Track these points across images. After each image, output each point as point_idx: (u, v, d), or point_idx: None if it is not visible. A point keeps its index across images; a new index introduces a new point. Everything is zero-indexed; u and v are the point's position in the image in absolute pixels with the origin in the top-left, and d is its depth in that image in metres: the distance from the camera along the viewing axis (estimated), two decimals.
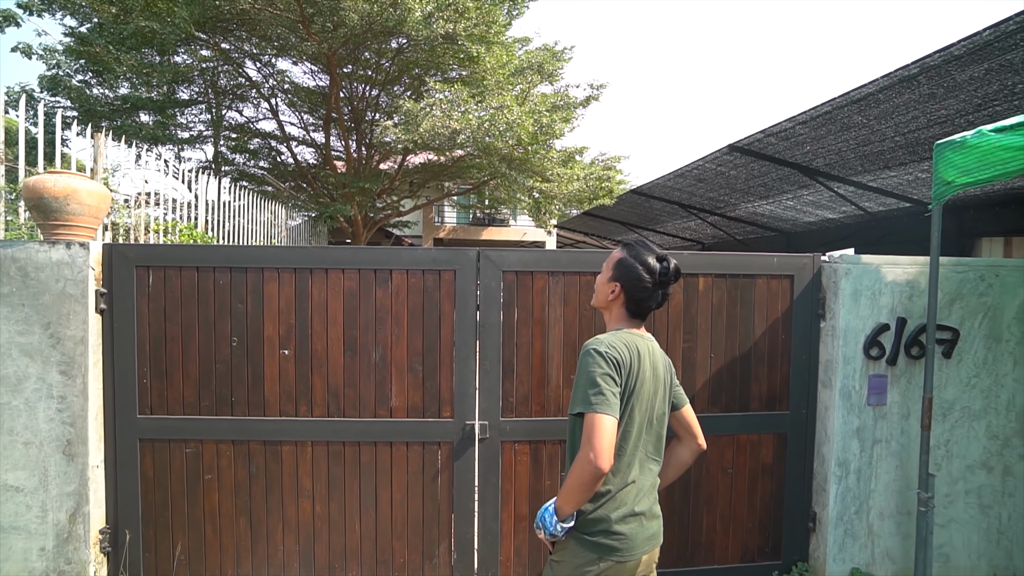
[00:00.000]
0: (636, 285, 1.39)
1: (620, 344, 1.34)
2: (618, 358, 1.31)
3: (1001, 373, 2.42)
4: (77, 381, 2.13)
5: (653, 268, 1.39)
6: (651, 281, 1.39)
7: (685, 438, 1.59)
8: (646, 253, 1.42)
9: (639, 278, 1.39)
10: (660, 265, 1.40)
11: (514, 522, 2.36)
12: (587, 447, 1.23)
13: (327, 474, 2.31)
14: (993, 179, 1.91)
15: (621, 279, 1.41)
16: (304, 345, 2.29)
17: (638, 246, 1.45)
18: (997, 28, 3.07)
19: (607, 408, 1.25)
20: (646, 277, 1.39)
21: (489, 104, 7.71)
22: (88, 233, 2.26)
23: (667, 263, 1.40)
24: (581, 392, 1.29)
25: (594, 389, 1.26)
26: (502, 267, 2.32)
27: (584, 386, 1.29)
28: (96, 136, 3.92)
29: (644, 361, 1.37)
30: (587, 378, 1.29)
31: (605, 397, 1.26)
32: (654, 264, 1.40)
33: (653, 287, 1.39)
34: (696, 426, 1.58)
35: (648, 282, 1.39)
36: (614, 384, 1.29)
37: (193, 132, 10.13)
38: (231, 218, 5.88)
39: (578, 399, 1.30)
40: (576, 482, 1.25)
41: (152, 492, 2.27)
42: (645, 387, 1.36)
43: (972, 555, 2.46)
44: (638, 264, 1.40)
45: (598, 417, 1.24)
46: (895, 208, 6.24)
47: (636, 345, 1.36)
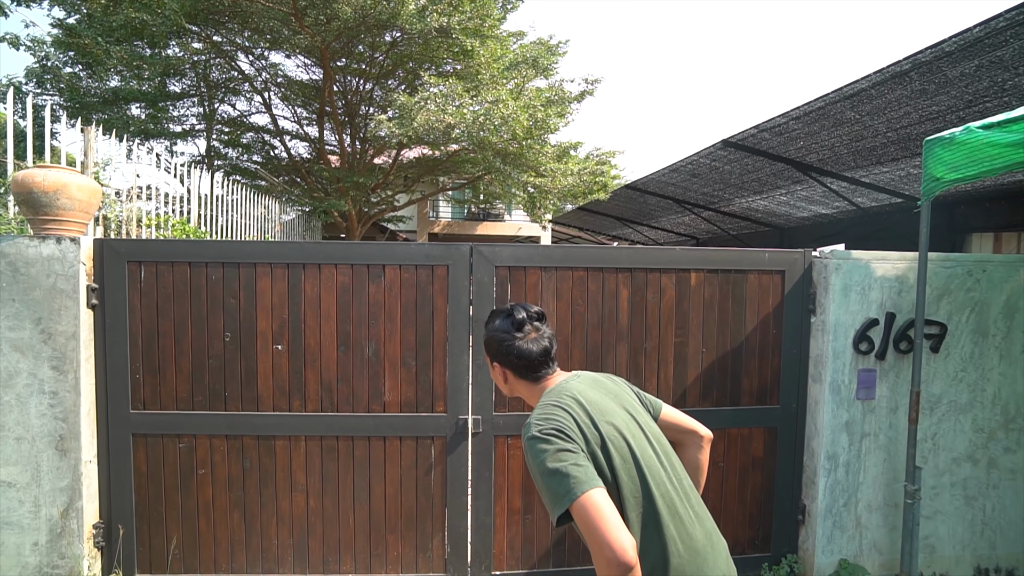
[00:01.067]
0: (505, 351, 1.25)
1: (550, 409, 1.13)
2: (557, 426, 1.08)
3: (987, 367, 2.46)
4: (69, 376, 2.12)
5: (503, 327, 1.27)
6: (510, 336, 1.25)
7: (684, 438, 1.38)
8: (494, 319, 1.31)
9: (501, 341, 1.26)
10: (508, 319, 1.27)
11: (507, 516, 2.38)
12: (596, 545, 0.94)
13: (321, 468, 2.32)
14: (981, 175, 1.94)
15: (495, 357, 1.29)
16: (297, 340, 2.29)
17: (490, 317, 1.34)
18: (987, 25, 3.08)
19: (583, 485, 0.99)
20: (505, 336, 1.26)
21: (484, 98, 7.68)
22: (79, 228, 2.25)
23: (513, 312, 1.27)
24: (548, 493, 1.03)
25: (557, 479, 1.01)
26: (495, 262, 2.33)
27: (546, 484, 1.03)
28: (86, 129, 3.88)
29: (588, 396, 1.18)
30: (543, 474, 1.04)
31: (571, 476, 1.00)
32: (502, 323, 1.28)
33: (514, 341, 1.25)
34: (688, 421, 1.39)
35: (508, 339, 1.25)
36: (572, 455, 1.04)
37: (185, 126, 10.04)
38: (224, 213, 5.85)
39: (549, 502, 1.03)
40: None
41: (145, 487, 2.27)
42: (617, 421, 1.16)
43: (957, 546, 2.50)
44: (492, 333, 1.29)
45: (582, 501, 0.97)
46: (887, 204, 6.29)
47: (566, 394, 1.17)
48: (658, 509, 1.08)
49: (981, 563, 2.53)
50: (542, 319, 1.29)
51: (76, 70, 8.12)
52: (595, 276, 2.38)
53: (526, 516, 2.39)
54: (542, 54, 9.26)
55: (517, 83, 8.77)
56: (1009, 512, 2.52)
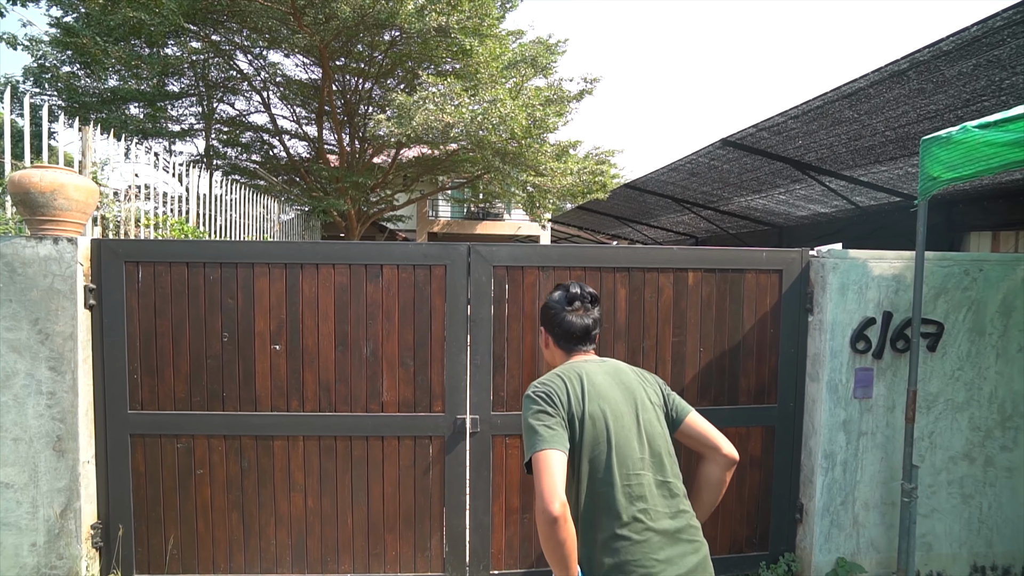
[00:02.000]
0: (552, 318, 1.44)
1: (552, 377, 1.32)
2: (548, 390, 1.27)
3: (984, 366, 2.46)
4: (67, 377, 2.12)
5: (558, 298, 1.46)
6: (560, 308, 1.43)
7: (706, 452, 1.38)
8: (554, 291, 1.49)
9: (551, 309, 1.45)
10: (564, 292, 1.46)
11: (505, 515, 2.38)
12: (536, 493, 1.12)
13: (319, 468, 2.32)
14: (977, 174, 1.94)
15: (544, 323, 1.48)
16: (295, 340, 2.29)
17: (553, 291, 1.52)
18: (984, 24, 3.08)
19: (543, 444, 1.17)
20: (556, 306, 1.44)
21: (482, 98, 7.67)
22: (76, 228, 2.25)
23: (569, 289, 1.45)
24: (525, 443, 1.23)
25: (530, 434, 1.21)
26: (492, 262, 2.33)
27: (525, 436, 1.24)
28: (84, 129, 3.87)
29: (594, 378, 1.30)
30: (525, 428, 1.24)
31: (539, 435, 1.19)
32: (558, 295, 1.47)
33: (564, 312, 1.42)
34: (713, 435, 1.37)
35: (558, 309, 1.43)
36: (548, 417, 1.22)
37: (184, 125, 10.02)
38: (223, 212, 5.84)
39: (525, 450, 1.24)
40: (542, 542, 1.12)
41: (144, 487, 2.27)
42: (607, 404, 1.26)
43: (954, 544, 2.51)
44: (548, 302, 1.48)
45: (538, 457, 1.16)
46: (886, 202, 6.29)
47: (576, 370, 1.33)
48: (615, 496, 1.20)
49: (978, 560, 2.54)
50: (595, 302, 1.45)
51: (74, 69, 8.11)
52: (593, 275, 2.38)
53: (524, 515, 2.39)
54: (541, 53, 9.25)
55: (516, 82, 8.76)
56: (1006, 510, 2.53)
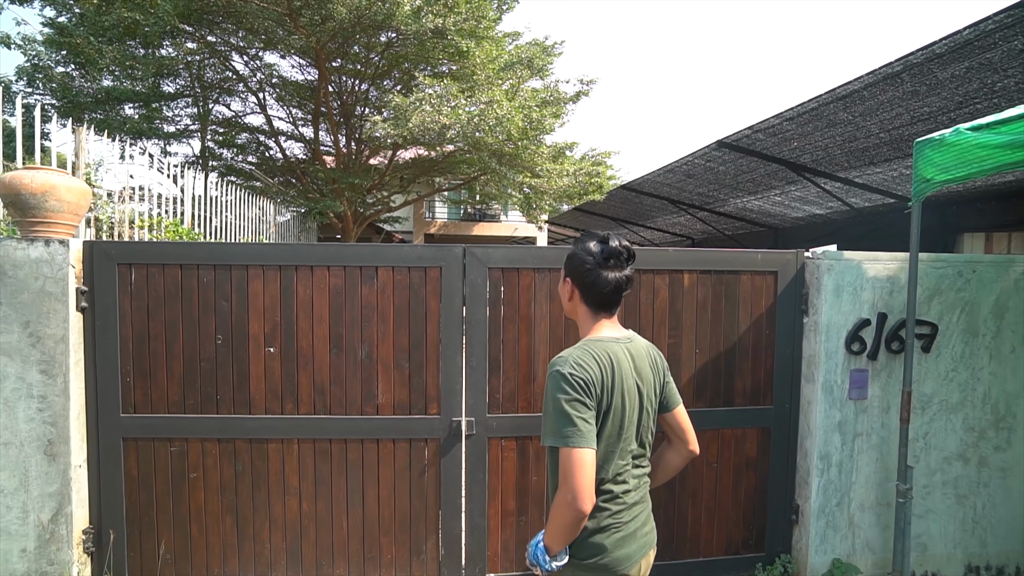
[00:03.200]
0: (583, 272, 1.30)
1: (589, 359, 1.23)
2: (586, 377, 1.20)
3: (977, 367, 2.47)
4: (58, 380, 2.10)
5: (594, 250, 1.30)
6: (594, 262, 1.29)
7: (675, 442, 1.47)
8: (588, 240, 1.34)
9: (582, 262, 1.30)
10: (602, 246, 1.30)
11: (501, 517, 2.37)
12: (565, 489, 1.14)
13: (314, 471, 2.30)
14: (970, 176, 1.95)
15: (570, 273, 1.34)
16: (290, 343, 2.28)
17: (582, 238, 1.36)
18: (977, 27, 3.10)
19: (581, 441, 1.15)
20: (588, 259, 1.30)
21: (479, 99, 7.67)
22: (68, 230, 2.23)
23: (608, 241, 1.30)
24: (551, 423, 1.19)
25: (564, 420, 1.16)
26: (488, 264, 2.32)
27: (553, 416, 1.18)
28: (77, 130, 3.85)
29: (622, 367, 1.26)
30: (555, 407, 1.18)
31: (577, 428, 1.15)
32: (595, 246, 1.31)
33: (598, 267, 1.29)
34: (689, 430, 1.45)
35: (591, 263, 1.29)
36: (586, 409, 1.18)
37: (179, 126, 9.98)
38: (219, 214, 5.81)
39: (549, 430, 1.19)
40: (559, 524, 1.17)
41: (136, 491, 2.25)
42: (627, 399, 1.26)
43: (948, 544, 2.52)
44: (579, 252, 1.32)
45: (574, 453, 1.14)
46: (880, 204, 6.32)
47: (609, 353, 1.26)
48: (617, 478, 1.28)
49: (972, 561, 2.54)
50: (631, 259, 1.32)
51: (68, 70, 8.06)
52: None
53: (520, 518, 2.38)
54: (537, 55, 9.26)
55: (512, 84, 8.77)
56: (999, 510, 2.54)
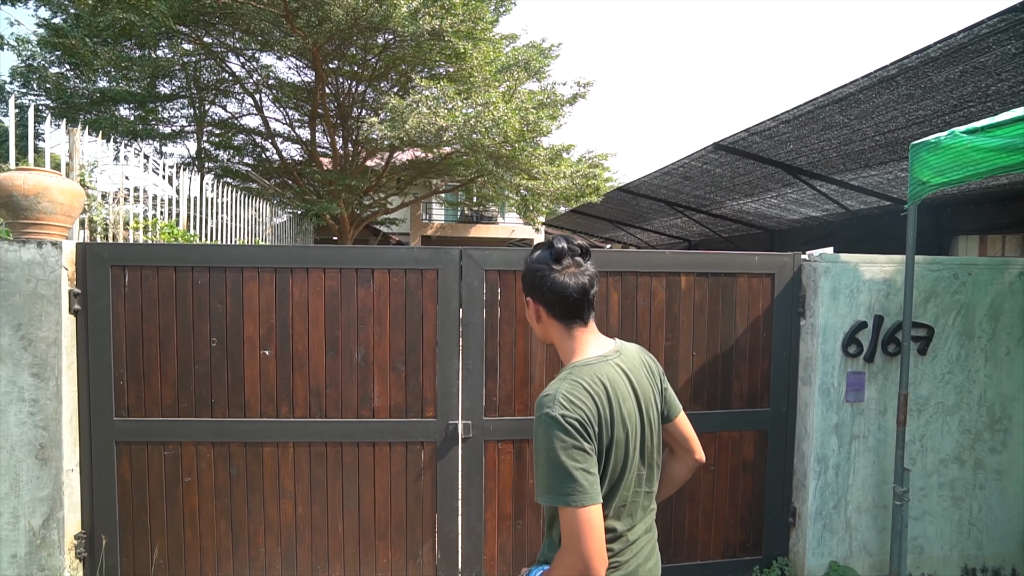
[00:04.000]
0: (539, 283, 1.14)
1: (581, 393, 1.05)
2: (582, 417, 1.02)
3: (973, 369, 2.48)
4: (50, 384, 2.08)
5: (543, 257, 1.15)
6: (547, 268, 1.13)
7: (679, 452, 1.34)
8: (534, 251, 1.20)
9: (535, 272, 1.15)
10: (548, 250, 1.16)
11: (498, 521, 2.36)
12: (572, 553, 0.97)
13: (309, 475, 2.29)
14: (966, 179, 1.95)
15: (530, 291, 1.17)
16: (285, 345, 2.26)
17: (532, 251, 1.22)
18: (970, 31, 3.12)
19: (585, 499, 0.98)
20: (541, 268, 1.14)
21: (476, 101, 7.68)
22: (60, 232, 2.21)
23: (553, 244, 1.15)
24: (546, 477, 1.01)
25: (561, 475, 0.99)
26: (484, 266, 2.31)
27: (548, 469, 1.01)
28: (72, 131, 3.82)
29: (619, 391, 1.10)
30: (548, 459, 1.00)
31: (579, 484, 0.98)
32: (542, 253, 1.16)
33: (552, 273, 1.12)
34: (693, 438, 1.33)
35: (544, 271, 1.13)
36: (586, 456, 1.01)
37: (175, 127, 9.95)
38: (214, 215, 5.78)
39: (544, 486, 1.02)
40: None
41: (129, 495, 2.23)
42: (629, 426, 1.11)
43: (945, 546, 2.52)
44: (530, 265, 1.18)
45: (579, 514, 0.97)
46: (876, 206, 6.35)
47: (601, 378, 1.09)
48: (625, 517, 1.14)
49: (968, 563, 2.55)
50: (586, 255, 1.17)
51: (63, 70, 8.02)
52: None
53: (517, 521, 2.37)
54: (534, 57, 9.28)
55: (509, 86, 8.78)
56: (995, 512, 2.55)
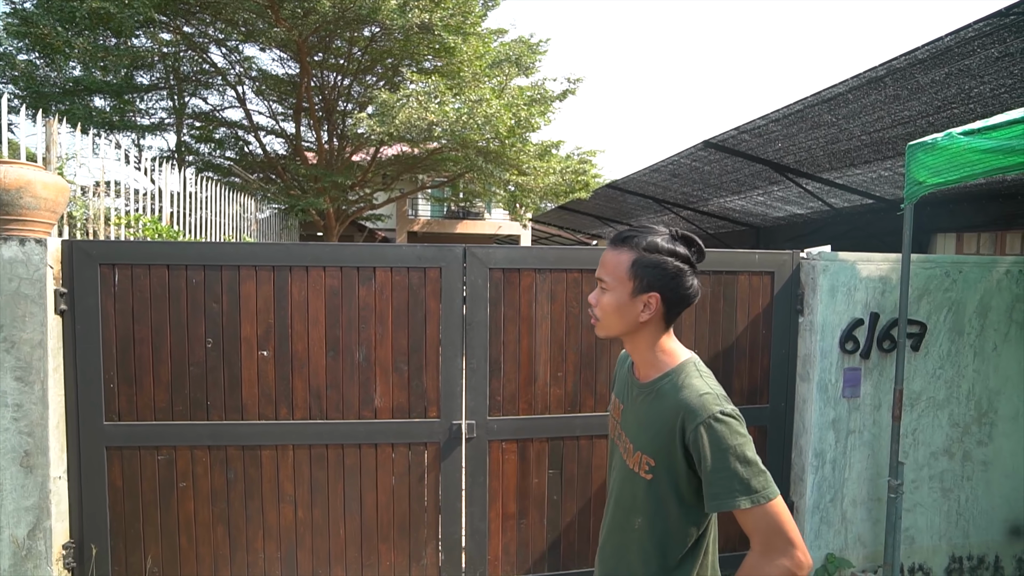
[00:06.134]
0: (674, 280, 0.98)
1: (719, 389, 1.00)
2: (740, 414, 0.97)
3: (963, 364, 2.55)
4: (35, 388, 1.99)
5: (684, 254, 0.99)
6: (689, 269, 1.00)
7: None
8: (658, 237, 1.00)
9: (678, 273, 0.98)
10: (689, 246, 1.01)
11: (502, 521, 2.35)
12: (788, 547, 0.91)
13: (309, 478, 2.24)
14: (962, 180, 2.00)
15: (656, 286, 0.99)
16: (284, 346, 2.21)
17: (643, 234, 1.01)
18: (957, 34, 3.19)
19: (775, 487, 0.94)
20: (683, 266, 0.98)
21: (467, 97, 7.60)
22: (44, 228, 2.11)
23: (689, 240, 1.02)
24: (734, 480, 0.92)
25: (755, 471, 0.92)
26: (489, 264, 2.29)
27: (734, 470, 0.92)
28: (48, 122, 3.66)
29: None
30: (740, 459, 0.92)
31: (768, 476, 0.94)
32: (682, 249, 1.00)
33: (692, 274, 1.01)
34: None
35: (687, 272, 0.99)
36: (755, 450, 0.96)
37: (154, 119, 9.63)
38: (197, 210, 5.62)
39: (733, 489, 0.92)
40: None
41: (121, 503, 2.15)
42: None
43: (934, 536, 2.59)
44: (668, 257, 0.98)
45: (776, 504, 0.92)
46: (859, 204, 6.49)
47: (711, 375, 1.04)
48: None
49: (956, 551, 2.63)
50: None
51: (32, 58, 7.68)
52: (589, 278, 2.37)
53: (521, 521, 2.36)
54: (524, 52, 9.23)
55: (499, 81, 8.72)
56: (981, 502, 2.63)
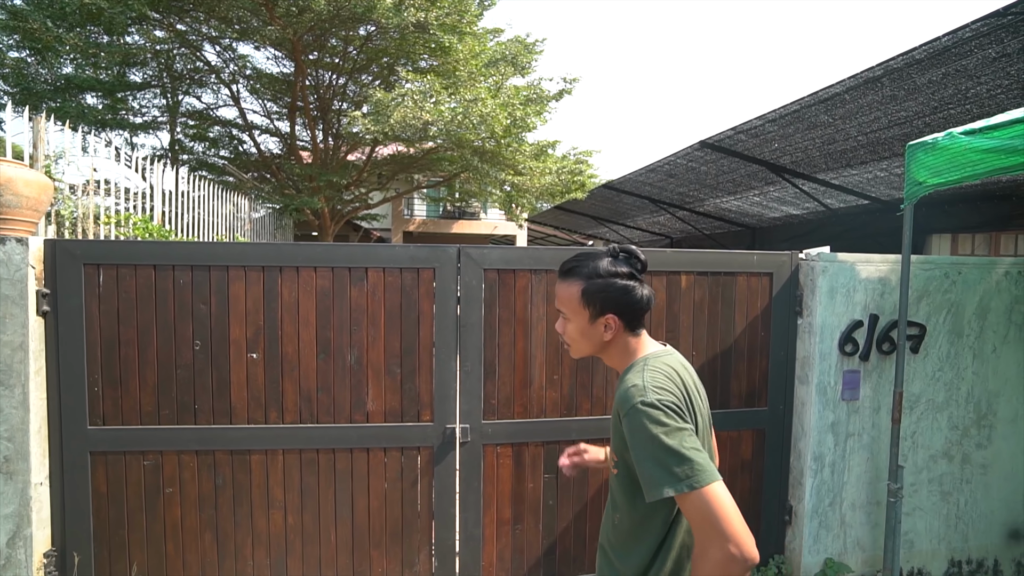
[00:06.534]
0: (624, 298, 1.09)
1: (663, 378, 1.02)
2: (675, 401, 0.99)
3: (962, 366, 2.53)
4: (15, 391, 1.93)
5: (627, 271, 1.11)
6: (633, 284, 1.11)
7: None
8: (598, 261, 1.11)
9: (618, 286, 1.09)
10: (622, 259, 1.13)
11: (497, 527, 2.31)
12: (714, 541, 0.88)
13: (300, 483, 2.19)
14: (963, 180, 1.97)
15: (610, 307, 1.10)
16: (274, 348, 2.16)
17: (585, 261, 1.12)
18: (955, 35, 3.18)
19: (707, 476, 0.91)
20: (628, 284, 1.10)
21: (463, 96, 7.56)
22: (27, 227, 2.05)
23: (627, 253, 1.13)
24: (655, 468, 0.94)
25: (675, 459, 0.92)
26: (483, 265, 2.25)
27: (657, 459, 0.94)
28: (36, 119, 3.60)
29: (687, 381, 1.09)
30: (656, 448, 0.94)
31: (695, 463, 0.92)
32: (620, 266, 1.11)
33: (637, 287, 1.11)
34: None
35: (632, 288, 1.10)
36: (692, 437, 0.96)
37: (147, 117, 9.54)
38: (190, 210, 5.55)
39: (655, 479, 0.94)
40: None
41: (105, 509, 2.10)
42: (701, 419, 1.08)
43: (933, 540, 2.57)
44: (610, 279, 1.10)
45: (708, 492, 0.90)
46: (855, 205, 6.49)
47: (672, 366, 1.08)
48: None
49: (955, 555, 2.61)
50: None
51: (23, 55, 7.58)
52: None
53: (516, 527, 2.32)
54: (520, 52, 9.20)
55: (495, 81, 8.68)
56: (980, 505, 2.61)
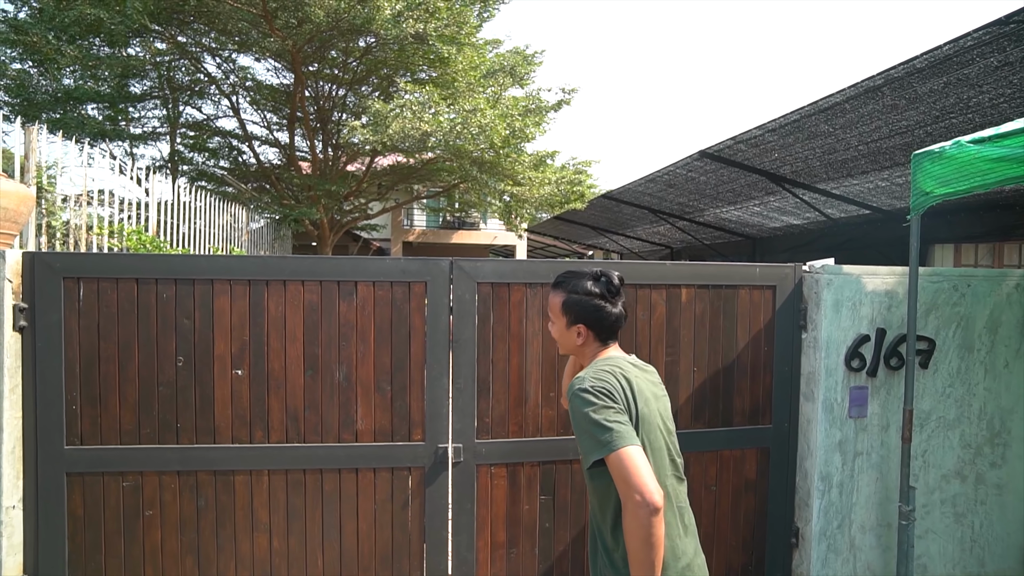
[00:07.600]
0: (593, 313, 1.34)
1: (604, 374, 1.25)
2: (606, 387, 1.21)
3: (973, 382, 2.44)
4: None
5: (600, 291, 1.35)
6: (605, 303, 1.34)
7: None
8: (581, 280, 1.36)
9: (590, 303, 1.34)
10: (606, 283, 1.36)
11: (491, 550, 2.21)
12: (628, 490, 1.08)
13: (286, 505, 2.10)
14: (972, 190, 1.91)
15: (581, 319, 1.35)
16: (259, 364, 2.08)
17: (570, 279, 1.38)
18: (956, 43, 3.14)
19: (622, 440, 1.12)
20: (599, 303, 1.34)
21: (462, 107, 7.56)
22: (4, 240, 2.00)
23: (605, 276, 1.36)
24: (587, 441, 1.17)
25: (598, 429, 1.14)
26: (477, 278, 2.18)
27: (588, 431, 1.17)
28: (28, 129, 3.57)
29: (638, 378, 1.29)
30: (586, 421, 1.17)
31: (614, 430, 1.13)
32: (596, 287, 1.35)
33: (609, 307, 1.35)
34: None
35: (600, 304, 1.34)
36: (618, 412, 1.17)
37: (147, 128, 9.57)
38: (188, 221, 5.51)
39: (587, 450, 1.18)
40: (638, 537, 1.07)
41: (81, 533, 2.01)
42: (650, 408, 1.27)
43: (948, 564, 2.46)
44: (584, 296, 1.35)
45: (621, 454, 1.10)
46: (856, 215, 6.43)
47: (620, 369, 1.29)
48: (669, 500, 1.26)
49: None
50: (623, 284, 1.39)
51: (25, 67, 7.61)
52: None
53: (511, 550, 2.23)
54: (519, 63, 9.23)
55: (494, 91, 8.70)
56: (996, 528, 2.51)
